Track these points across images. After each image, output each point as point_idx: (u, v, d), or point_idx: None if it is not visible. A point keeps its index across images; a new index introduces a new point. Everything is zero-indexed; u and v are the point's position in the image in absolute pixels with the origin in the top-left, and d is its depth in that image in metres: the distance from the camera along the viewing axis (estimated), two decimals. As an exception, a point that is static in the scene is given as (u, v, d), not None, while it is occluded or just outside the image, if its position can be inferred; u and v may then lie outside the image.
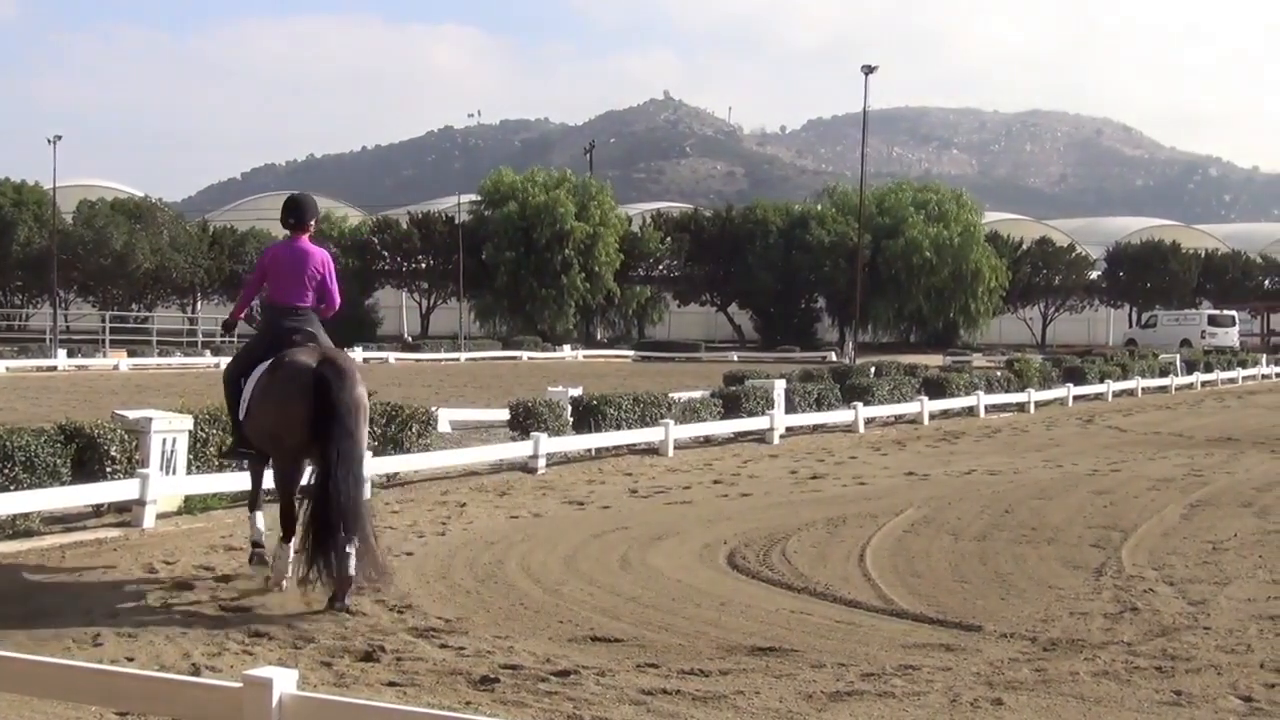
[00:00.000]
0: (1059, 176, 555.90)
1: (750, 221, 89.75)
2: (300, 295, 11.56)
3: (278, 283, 11.68)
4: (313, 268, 11.63)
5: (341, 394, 10.32)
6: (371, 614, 9.56)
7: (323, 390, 10.33)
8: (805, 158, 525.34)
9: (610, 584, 10.80)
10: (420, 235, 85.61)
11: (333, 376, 10.40)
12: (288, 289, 11.58)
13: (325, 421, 10.24)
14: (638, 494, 16.81)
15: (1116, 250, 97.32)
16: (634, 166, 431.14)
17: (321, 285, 11.69)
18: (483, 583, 10.78)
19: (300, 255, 11.65)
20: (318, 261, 11.72)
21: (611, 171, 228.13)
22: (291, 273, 11.57)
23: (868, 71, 68.73)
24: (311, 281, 11.61)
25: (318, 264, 11.69)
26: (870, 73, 68.91)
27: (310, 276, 11.60)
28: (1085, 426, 29.30)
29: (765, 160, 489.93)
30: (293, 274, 11.57)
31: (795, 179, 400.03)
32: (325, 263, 11.84)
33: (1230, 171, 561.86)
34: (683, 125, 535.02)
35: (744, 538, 13.07)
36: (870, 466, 20.48)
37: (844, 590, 10.54)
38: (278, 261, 11.71)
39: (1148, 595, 10.40)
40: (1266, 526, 14.22)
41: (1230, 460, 21.87)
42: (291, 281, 11.56)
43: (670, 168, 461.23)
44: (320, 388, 10.35)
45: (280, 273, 11.65)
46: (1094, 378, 39.30)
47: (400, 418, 16.93)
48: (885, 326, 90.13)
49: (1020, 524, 14.27)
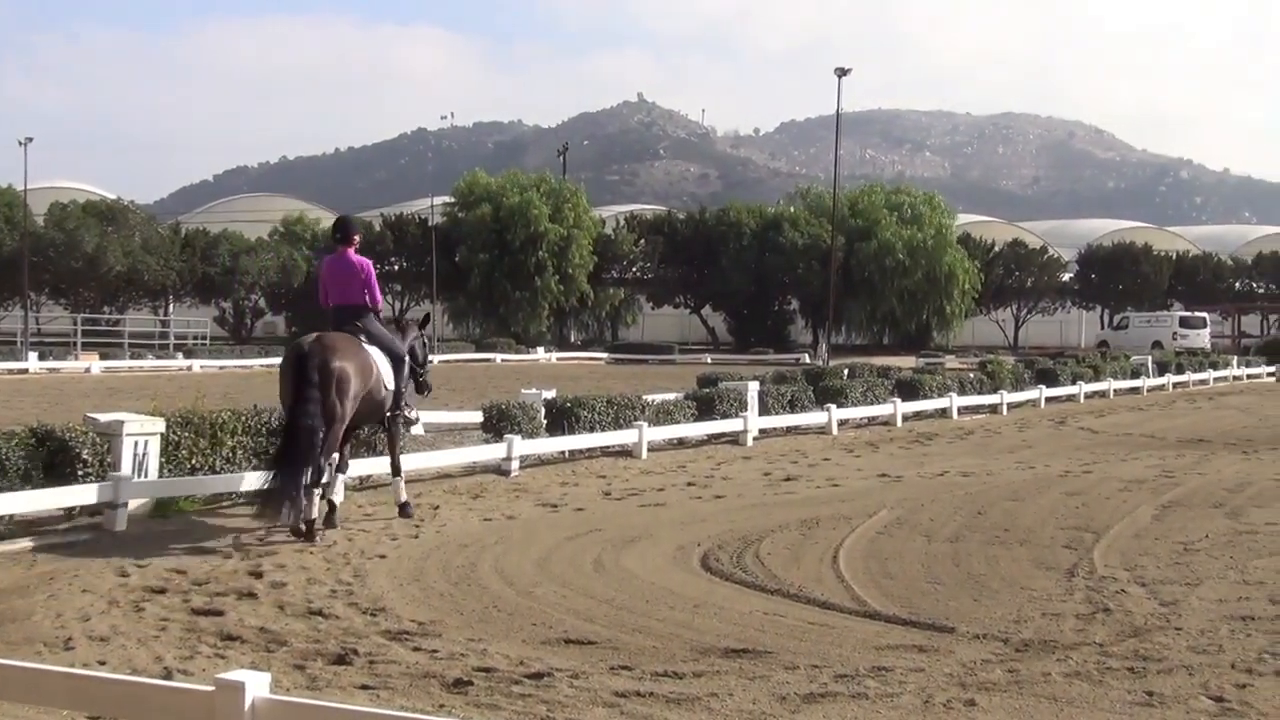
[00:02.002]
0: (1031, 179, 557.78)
1: (724, 223, 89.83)
2: (352, 295, 14.57)
3: (333, 288, 14.67)
4: (360, 274, 14.59)
5: (314, 359, 13.07)
6: (344, 617, 9.54)
7: (301, 358, 13.15)
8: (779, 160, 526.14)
9: (584, 586, 10.79)
10: (393, 237, 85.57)
11: (314, 350, 13.18)
12: (342, 292, 14.61)
13: (296, 379, 13.07)
14: (611, 496, 16.81)
15: (1088, 252, 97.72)
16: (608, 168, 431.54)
17: (366, 286, 14.60)
18: (456, 585, 10.77)
19: (348, 264, 14.62)
20: (362, 268, 14.65)
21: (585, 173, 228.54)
22: (343, 279, 14.60)
23: (841, 74, 68.88)
24: (360, 285, 14.57)
25: (363, 271, 14.63)
26: (843, 75, 69.06)
27: (359, 281, 14.58)
28: (1058, 428, 29.38)
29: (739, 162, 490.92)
30: (345, 280, 14.60)
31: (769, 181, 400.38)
32: (367, 269, 14.74)
33: (1201, 174, 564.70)
34: (656, 127, 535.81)
35: (718, 540, 13.07)
36: (844, 468, 20.51)
37: (817, 592, 10.56)
38: (331, 271, 14.80)
39: (1120, 596, 10.44)
40: (1238, 527, 14.27)
41: (1202, 461, 21.95)
42: (344, 286, 14.59)
43: (644, 170, 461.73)
44: (299, 357, 13.20)
45: (334, 280, 14.68)
46: (1066, 379, 39.38)
47: (373, 420, 16.89)
48: (858, 328, 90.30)
49: (993, 525, 14.31)
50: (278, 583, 10.69)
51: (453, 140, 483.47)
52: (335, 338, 13.74)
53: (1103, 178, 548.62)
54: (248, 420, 15.36)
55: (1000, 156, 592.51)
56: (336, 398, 13.15)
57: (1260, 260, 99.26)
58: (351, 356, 13.52)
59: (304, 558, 11.86)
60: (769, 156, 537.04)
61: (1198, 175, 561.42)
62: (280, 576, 10.94)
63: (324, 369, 13.08)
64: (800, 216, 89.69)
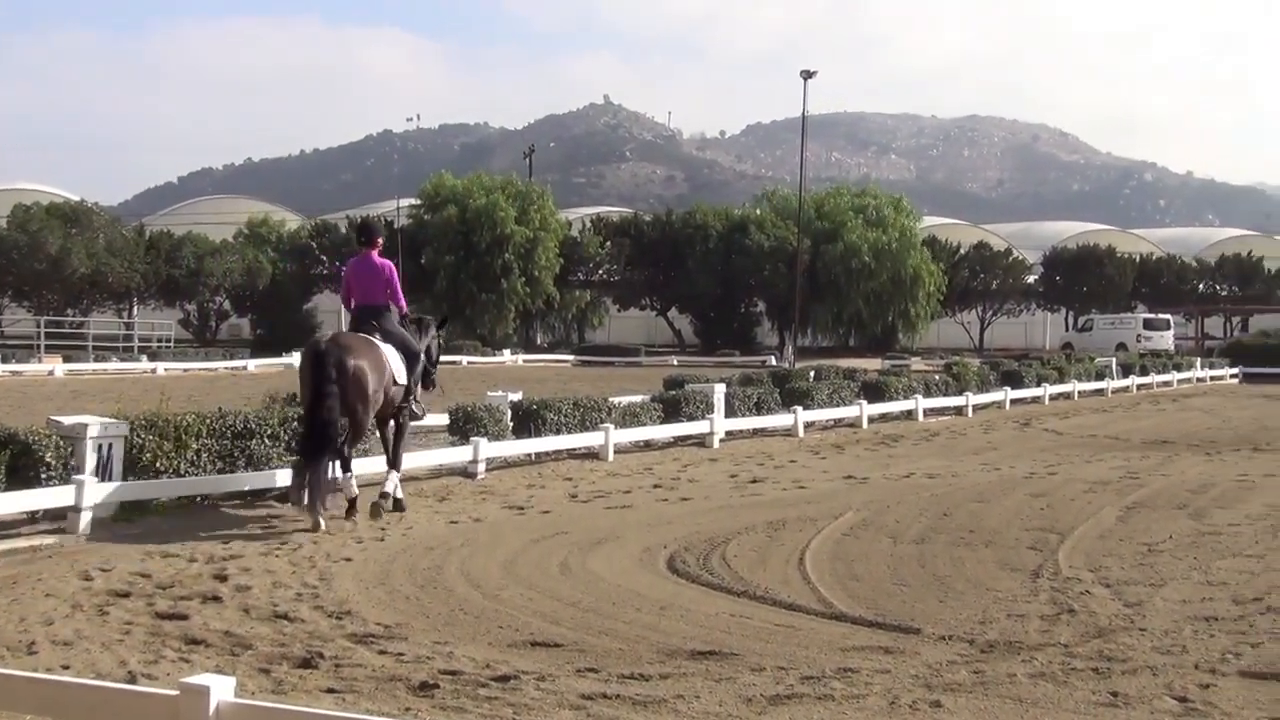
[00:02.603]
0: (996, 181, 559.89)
1: (690, 226, 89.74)
2: (375, 295, 15.59)
3: (356, 288, 15.73)
4: (382, 275, 15.62)
5: (330, 358, 13.92)
6: (310, 620, 9.51)
7: (319, 357, 13.99)
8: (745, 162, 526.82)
9: (550, 589, 10.79)
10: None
11: (331, 349, 14.07)
12: (364, 292, 15.65)
13: (314, 377, 13.87)
14: (578, 499, 16.81)
15: (1053, 254, 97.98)
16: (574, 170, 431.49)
17: (388, 286, 15.61)
18: (422, 588, 10.75)
19: (371, 265, 15.66)
20: (384, 269, 15.66)
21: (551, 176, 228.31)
22: (368, 279, 15.64)
23: (807, 77, 69.19)
24: (382, 285, 15.60)
25: (385, 272, 15.65)
26: (809, 78, 69.37)
27: (382, 281, 15.61)
28: (1023, 429, 29.50)
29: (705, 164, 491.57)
30: (369, 280, 15.63)
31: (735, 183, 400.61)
32: (389, 270, 15.72)
33: (1165, 177, 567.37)
34: (623, 129, 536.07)
35: (684, 542, 13.08)
36: (810, 470, 20.55)
37: (783, 594, 10.57)
38: (356, 272, 15.83)
39: (1084, 597, 10.48)
40: (1201, 528, 14.35)
41: (1165, 463, 22.07)
42: (367, 286, 15.62)
43: (610, 172, 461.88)
44: (317, 356, 14.03)
45: (358, 280, 15.73)
46: (1031, 381, 39.53)
47: (341, 424, 16.84)
48: (824, 330, 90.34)
49: (958, 527, 14.36)
50: (243, 586, 10.65)
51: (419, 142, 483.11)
52: (349, 337, 14.80)
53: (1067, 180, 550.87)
54: (212, 423, 15.31)
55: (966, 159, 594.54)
56: (355, 394, 14.08)
57: (1223, 262, 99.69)
58: (366, 355, 14.42)
59: (269, 561, 11.83)
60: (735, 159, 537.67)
61: (1162, 178, 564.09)
62: (245, 580, 10.90)
63: (340, 367, 13.95)
64: (766, 219, 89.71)
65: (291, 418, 16.19)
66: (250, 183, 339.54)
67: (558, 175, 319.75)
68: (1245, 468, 21.30)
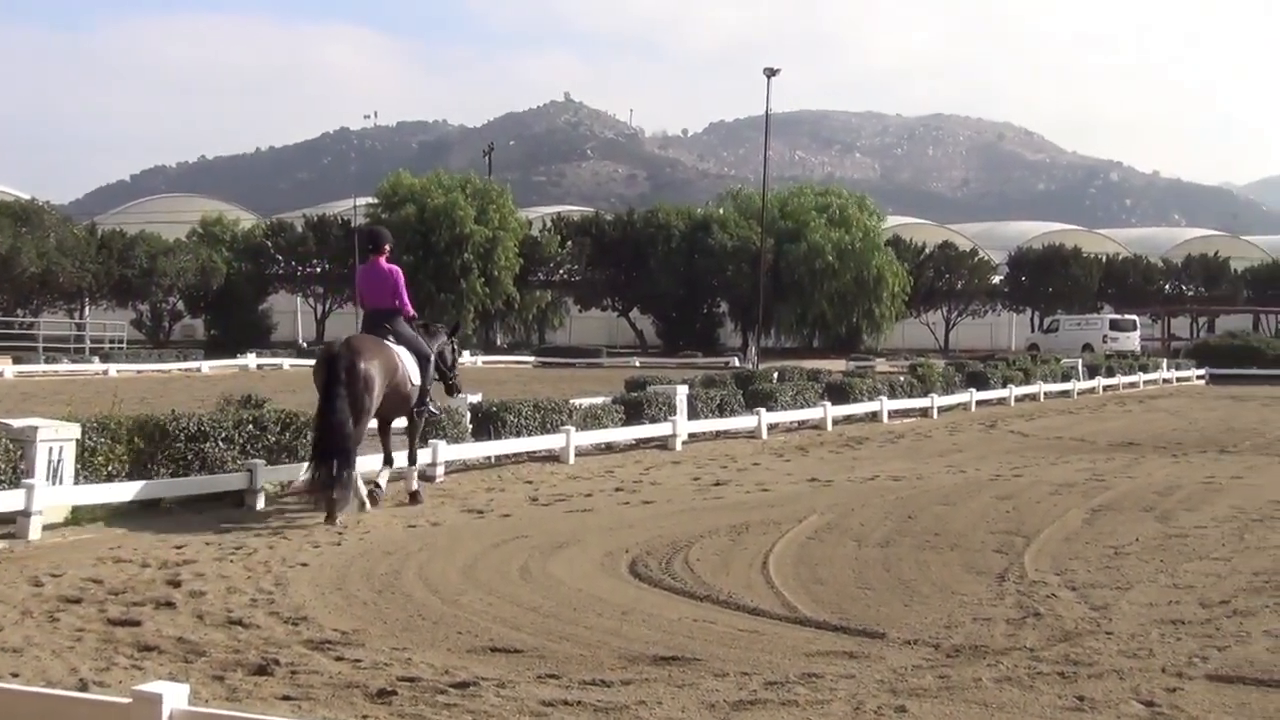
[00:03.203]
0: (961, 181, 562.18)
1: (652, 225, 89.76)
2: (383, 300, 16.42)
3: (367, 293, 16.62)
4: (389, 280, 16.43)
5: (342, 361, 14.75)
6: (265, 626, 9.47)
7: (332, 360, 14.85)
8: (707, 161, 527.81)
9: (510, 594, 10.77)
10: (316, 238, 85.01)
11: (344, 351, 14.95)
12: (374, 296, 16.51)
13: (327, 378, 14.72)
14: (538, 502, 16.78)
15: (1018, 255, 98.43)
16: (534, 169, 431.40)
17: (395, 291, 16.38)
18: (380, 593, 10.72)
19: (380, 271, 16.52)
20: (392, 275, 16.50)
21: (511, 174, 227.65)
22: (376, 285, 16.50)
23: (770, 74, 69.24)
24: (390, 290, 16.38)
25: (392, 277, 16.47)
26: (772, 75, 69.43)
27: (390, 286, 16.40)
28: (988, 431, 29.60)
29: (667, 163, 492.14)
30: (377, 286, 16.48)
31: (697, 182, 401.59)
32: (397, 276, 16.57)
33: (1131, 176, 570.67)
34: (584, 128, 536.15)
35: (646, 546, 13.08)
36: (773, 473, 20.57)
37: (747, 598, 10.58)
38: (365, 278, 16.73)
39: (1050, 600, 10.52)
40: (1167, 531, 14.42)
41: (1132, 465, 22.18)
42: (376, 290, 16.48)
43: (571, 170, 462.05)
44: (330, 359, 14.94)
45: (368, 285, 16.62)
46: (997, 382, 39.66)
47: (295, 425, 16.76)
48: (788, 331, 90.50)
49: (924, 530, 14.39)
50: (196, 592, 10.60)
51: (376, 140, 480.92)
52: (362, 339, 15.61)
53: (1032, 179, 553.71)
54: (166, 425, 15.24)
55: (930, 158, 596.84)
56: (365, 394, 14.86)
57: (1190, 262, 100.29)
58: (376, 356, 15.26)
59: (224, 566, 11.77)
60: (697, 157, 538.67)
61: (1127, 177, 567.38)
62: (199, 585, 10.84)
63: (351, 369, 14.76)
64: (729, 218, 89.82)
65: (246, 420, 16.17)
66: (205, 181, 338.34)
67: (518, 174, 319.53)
68: (1212, 470, 21.41)
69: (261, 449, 16.12)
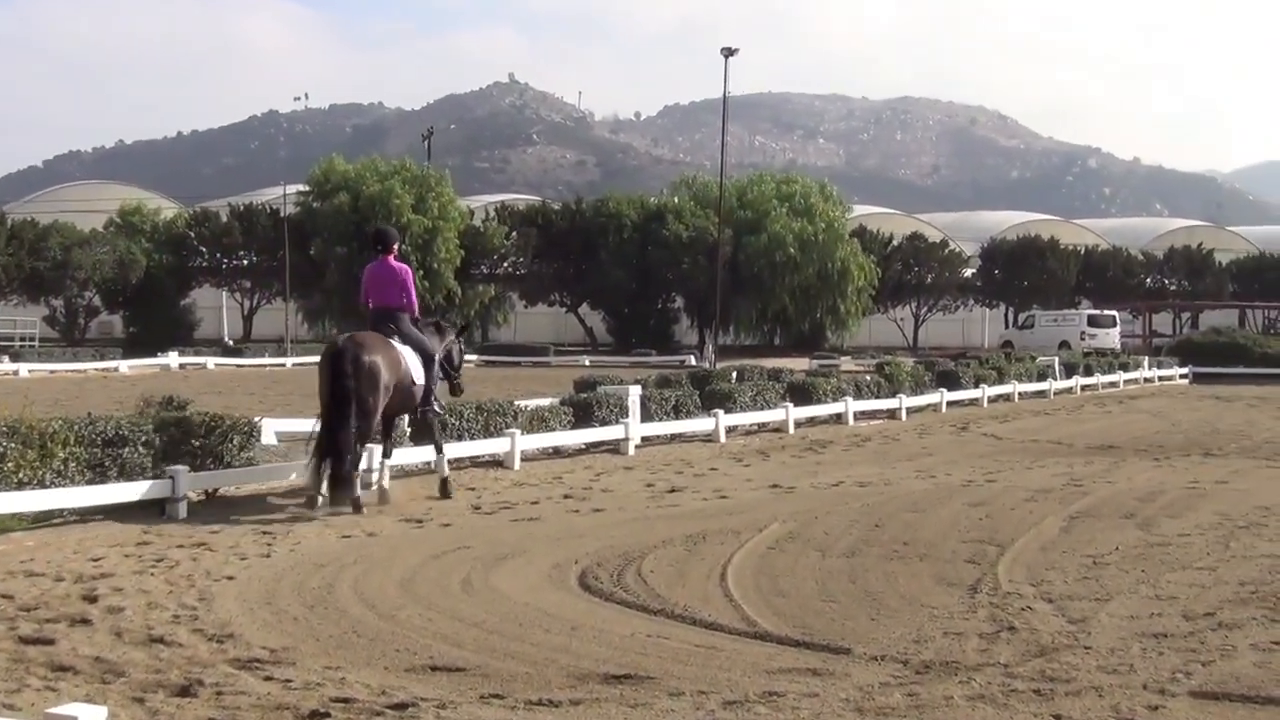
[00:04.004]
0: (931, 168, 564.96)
1: (602, 215, 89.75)
2: (389, 298, 17.63)
3: (374, 291, 17.72)
4: (397, 279, 17.67)
5: (347, 356, 15.89)
6: (188, 644, 9.42)
7: (336, 356, 16.00)
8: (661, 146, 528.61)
9: (451, 608, 10.75)
10: (242, 229, 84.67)
11: (348, 347, 16.09)
12: (380, 294, 17.67)
13: (332, 374, 15.90)
14: (481, 510, 16.76)
15: (991, 246, 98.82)
16: (476, 155, 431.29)
17: (403, 290, 17.64)
18: (311, 608, 10.68)
19: (388, 270, 17.71)
20: (401, 274, 17.73)
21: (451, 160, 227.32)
22: (384, 283, 17.68)
23: (728, 54, 69.28)
24: (398, 288, 17.64)
25: (400, 276, 17.71)
26: (730, 55, 69.47)
27: (397, 285, 17.65)
28: (960, 434, 29.72)
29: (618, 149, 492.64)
30: (385, 284, 17.67)
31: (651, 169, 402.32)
32: (405, 275, 17.79)
33: (1110, 163, 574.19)
34: (529, 110, 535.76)
35: (596, 557, 13.08)
36: (732, 478, 20.60)
37: (704, 612, 10.59)
38: (373, 276, 17.80)
39: (1025, 613, 10.56)
40: (1149, 539, 14.49)
41: (1111, 469, 22.30)
42: (383, 289, 17.66)
43: (516, 156, 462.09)
44: (334, 355, 16.06)
45: (375, 284, 17.74)
46: (969, 382, 39.80)
47: (220, 429, 16.70)
48: (748, 328, 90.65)
49: (891, 539, 14.43)
50: (114, 608, 10.54)
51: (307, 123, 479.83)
52: (366, 336, 16.76)
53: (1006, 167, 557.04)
54: (81, 430, 15.15)
55: (898, 144, 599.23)
56: (369, 390, 15.97)
57: (1172, 255, 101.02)
58: (381, 352, 16.38)
59: (143, 580, 11.71)
60: (651, 142, 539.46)
61: (1106, 164, 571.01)
62: (117, 601, 10.78)
63: (356, 364, 15.90)
64: (685, 208, 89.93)
65: (169, 423, 16.10)
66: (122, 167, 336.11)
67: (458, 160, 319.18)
68: (1196, 474, 21.54)
69: (185, 454, 16.05)
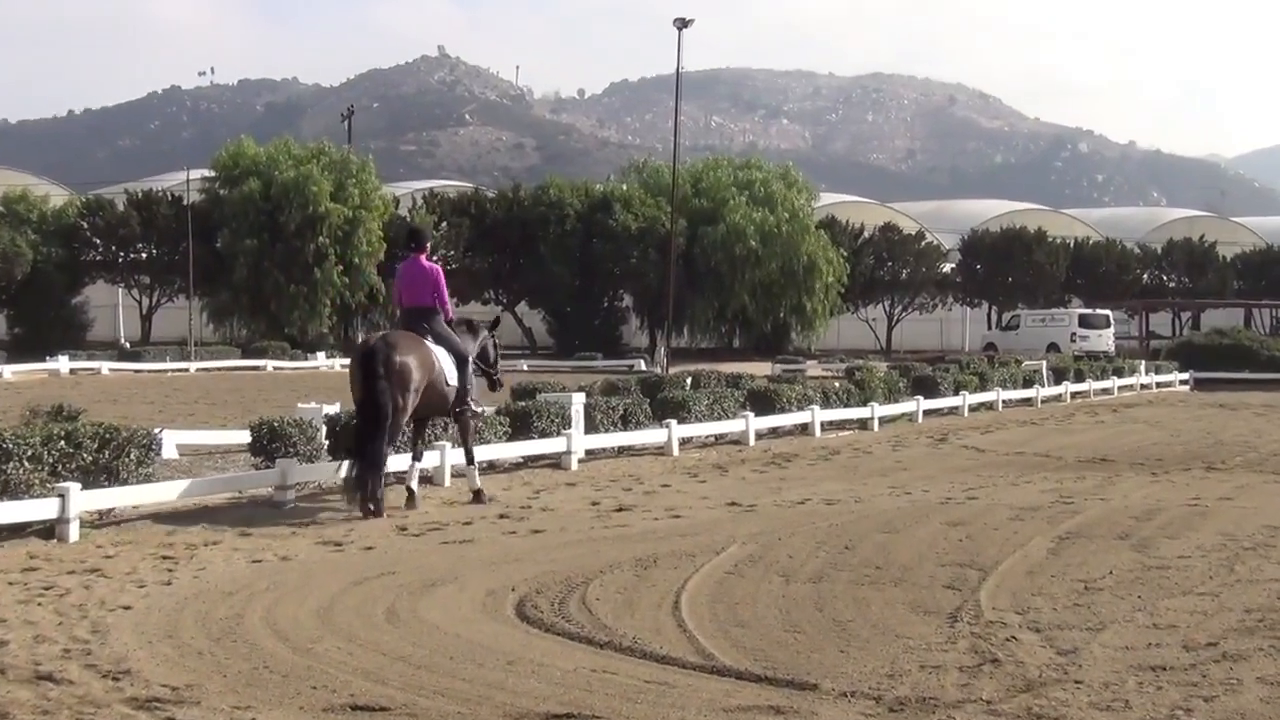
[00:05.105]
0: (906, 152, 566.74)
1: (542, 204, 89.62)
2: (422, 298, 19.32)
3: (406, 291, 19.48)
4: (430, 278, 19.35)
5: (379, 355, 17.52)
6: (80, 682, 9.37)
7: (369, 355, 17.65)
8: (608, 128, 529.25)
9: (374, 641, 10.73)
10: (141, 219, 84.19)
11: (380, 347, 17.75)
12: (413, 294, 19.41)
13: (364, 373, 17.52)
14: (408, 532, 16.74)
15: (973, 238, 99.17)
16: (402, 137, 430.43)
17: (435, 289, 19.30)
18: (218, 641, 10.64)
19: (420, 269, 19.43)
20: (432, 274, 19.41)
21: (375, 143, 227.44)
22: (416, 283, 19.40)
23: (681, 26, 69.26)
24: (430, 288, 19.32)
25: (433, 276, 19.39)
26: (684, 27, 69.46)
27: (429, 284, 19.32)
28: (937, 446, 29.83)
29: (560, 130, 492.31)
30: (417, 284, 19.39)
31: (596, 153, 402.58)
32: (436, 274, 19.45)
33: (1103, 147, 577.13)
34: (461, 88, 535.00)
35: (536, 583, 13.07)
36: (686, 496, 20.62)
37: (655, 644, 10.60)
38: (405, 275, 19.67)
39: (1010, 644, 10.60)
40: (1146, 562, 14.56)
41: (1105, 485, 22.40)
42: (416, 289, 19.38)
43: (446, 138, 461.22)
44: (367, 354, 17.73)
45: (407, 283, 19.52)
46: (948, 389, 39.96)
47: (116, 441, 16.61)
48: (704, 329, 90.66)
49: (862, 562, 14.47)
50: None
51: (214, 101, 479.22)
52: (399, 335, 18.49)
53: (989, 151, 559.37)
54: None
55: (870, 125, 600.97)
56: (399, 389, 17.57)
57: (1171, 248, 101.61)
58: (413, 352, 17.98)
59: (30, 610, 11.64)
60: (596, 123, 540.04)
61: (1099, 148, 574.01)
62: (0, 633, 10.72)
63: (388, 363, 17.48)
64: (634, 196, 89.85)
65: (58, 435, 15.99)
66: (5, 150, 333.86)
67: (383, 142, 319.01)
68: (1197, 490, 21.67)
69: (76, 470, 15.95)
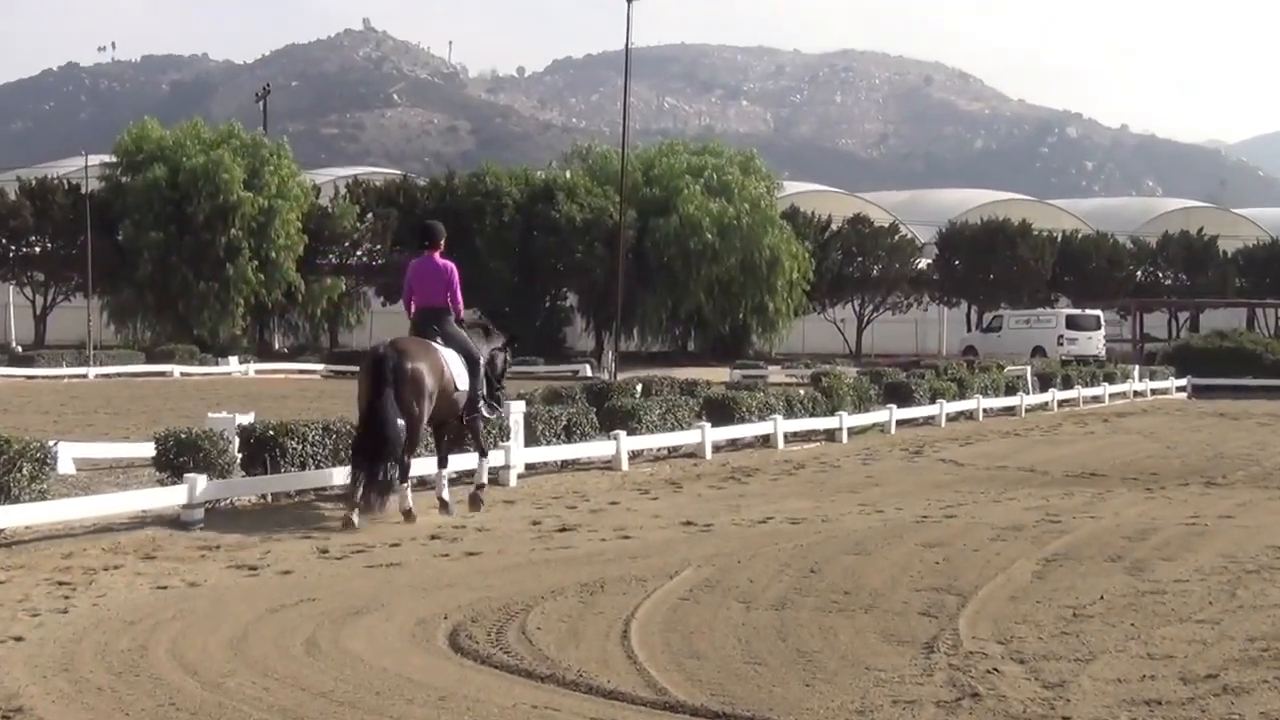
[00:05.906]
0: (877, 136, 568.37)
1: (478, 193, 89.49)
2: (435, 298, 20.43)
3: (418, 289, 20.58)
4: (443, 277, 20.53)
5: (389, 362, 18.34)
6: (-34, 722, 9.33)
7: (378, 362, 18.47)
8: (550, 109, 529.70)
9: (292, 675, 10.70)
10: (34, 209, 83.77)
11: (389, 353, 18.55)
12: (425, 294, 20.53)
13: (373, 381, 18.33)
14: (329, 554, 16.68)
15: (951, 232, 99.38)
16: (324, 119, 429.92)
17: (449, 289, 20.44)
18: (119, 676, 10.60)
19: (434, 267, 20.58)
20: (446, 272, 20.57)
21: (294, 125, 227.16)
22: (429, 281, 20.56)
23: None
24: (443, 287, 20.46)
25: (446, 274, 20.55)
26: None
27: (443, 283, 20.48)
28: (912, 459, 29.90)
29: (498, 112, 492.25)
30: (430, 282, 20.54)
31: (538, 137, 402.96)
32: (450, 272, 20.56)
33: (1093, 131, 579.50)
34: (388, 65, 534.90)
35: (471, 611, 13.05)
36: (636, 514, 20.62)
37: (602, 678, 10.59)
38: (418, 273, 20.72)
39: (992, 677, 10.63)
40: (1140, 586, 14.61)
41: (1095, 502, 22.48)
42: (429, 288, 20.51)
43: (372, 121, 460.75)
44: (376, 361, 18.54)
45: (420, 282, 20.61)
46: (923, 397, 40.07)
47: (7, 455, 16.52)
48: (656, 331, 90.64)
49: (830, 587, 14.48)
50: (-127, 677, 10.43)
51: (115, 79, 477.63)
52: (408, 341, 19.41)
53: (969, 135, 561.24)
54: None
55: (838, 107, 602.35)
56: (412, 397, 18.51)
57: (1168, 242, 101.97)
58: (423, 358, 18.90)
59: (-90, 642, 11.58)
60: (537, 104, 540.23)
61: (1089, 133, 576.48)
62: (-123, 669, 10.67)
63: (398, 370, 18.35)
64: (579, 184, 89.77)
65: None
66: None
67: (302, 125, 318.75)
68: (1195, 507, 21.75)
69: (-40, 487, 15.89)
